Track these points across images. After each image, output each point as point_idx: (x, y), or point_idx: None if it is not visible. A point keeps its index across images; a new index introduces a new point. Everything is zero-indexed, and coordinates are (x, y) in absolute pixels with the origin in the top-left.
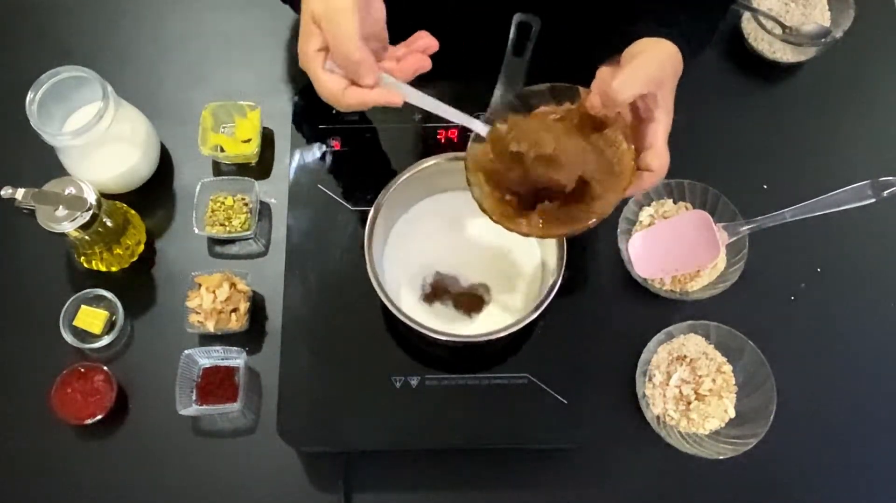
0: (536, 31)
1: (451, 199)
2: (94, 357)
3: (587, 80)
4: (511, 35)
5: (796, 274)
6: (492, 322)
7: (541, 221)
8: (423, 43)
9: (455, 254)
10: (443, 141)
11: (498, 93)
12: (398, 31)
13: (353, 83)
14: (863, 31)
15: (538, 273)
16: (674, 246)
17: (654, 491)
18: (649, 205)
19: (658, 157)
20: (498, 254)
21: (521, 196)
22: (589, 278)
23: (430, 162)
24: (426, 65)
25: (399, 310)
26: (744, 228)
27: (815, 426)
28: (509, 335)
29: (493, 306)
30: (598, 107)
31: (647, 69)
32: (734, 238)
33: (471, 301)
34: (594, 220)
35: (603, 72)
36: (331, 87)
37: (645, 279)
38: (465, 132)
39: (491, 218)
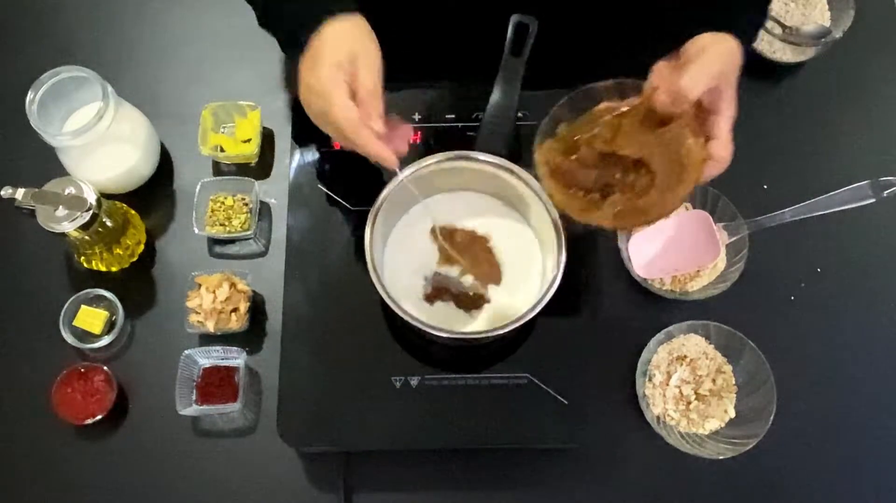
0: (534, 31)
1: (451, 199)
2: (94, 357)
3: (587, 80)
4: (509, 35)
5: (796, 274)
6: (492, 321)
7: (612, 213)
8: (404, 130)
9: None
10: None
11: (496, 93)
12: (398, 32)
13: None
14: (863, 31)
15: (538, 273)
16: (674, 246)
17: (654, 491)
18: None
19: (724, 147)
20: (498, 253)
21: (590, 190)
22: (589, 278)
23: (431, 161)
24: (405, 149)
25: (400, 307)
26: (744, 228)
27: (815, 426)
28: (509, 334)
29: (494, 306)
30: (666, 103)
31: (714, 65)
32: (734, 238)
33: (471, 300)
34: (667, 211)
35: (661, 67)
36: (350, 113)
37: (645, 279)
38: (463, 133)
39: (564, 212)
